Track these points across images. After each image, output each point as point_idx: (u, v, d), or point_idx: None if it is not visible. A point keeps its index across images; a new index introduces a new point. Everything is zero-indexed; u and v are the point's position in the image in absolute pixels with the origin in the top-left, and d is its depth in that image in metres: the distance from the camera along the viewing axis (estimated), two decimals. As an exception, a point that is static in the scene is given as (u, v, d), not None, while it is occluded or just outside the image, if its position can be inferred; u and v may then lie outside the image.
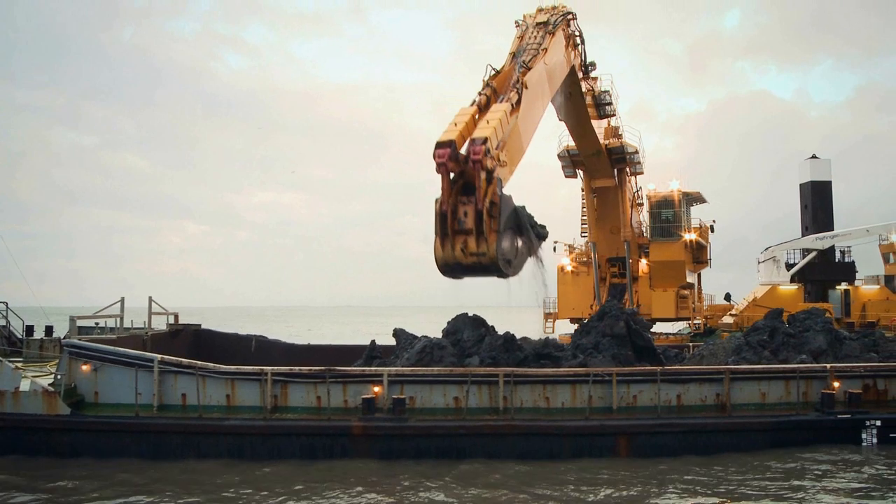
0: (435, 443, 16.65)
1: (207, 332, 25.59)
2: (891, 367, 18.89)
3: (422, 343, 19.27)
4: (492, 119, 17.91)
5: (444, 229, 17.20)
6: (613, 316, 21.15)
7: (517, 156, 18.59)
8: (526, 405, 17.51)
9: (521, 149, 19.05)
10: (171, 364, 17.48)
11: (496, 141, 17.48)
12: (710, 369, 18.61)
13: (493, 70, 19.82)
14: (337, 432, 16.67)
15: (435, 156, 16.96)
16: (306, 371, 17.61)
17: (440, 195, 16.92)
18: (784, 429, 17.51)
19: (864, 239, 44.76)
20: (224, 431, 16.75)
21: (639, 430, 17.05)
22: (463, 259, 17.03)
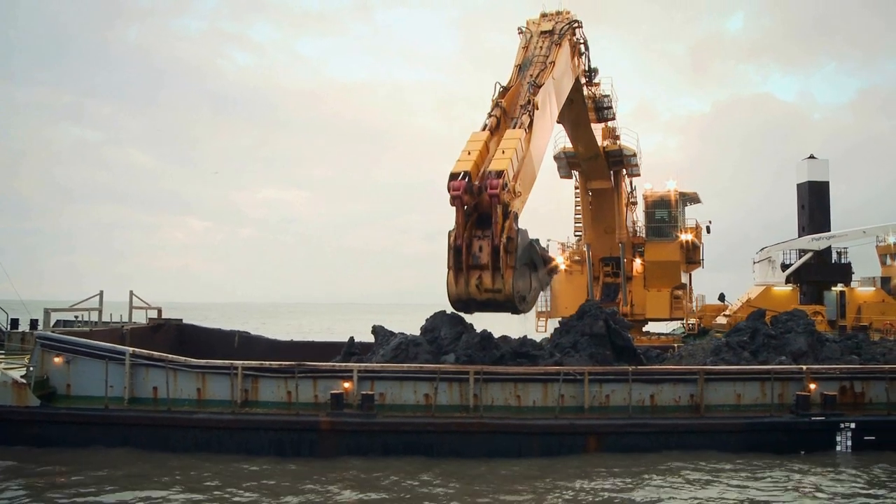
0: (403, 439, 16.61)
1: (190, 328, 25.60)
2: (867, 370, 18.70)
3: (397, 340, 19.20)
4: (507, 149, 17.80)
5: (458, 264, 17.23)
6: (592, 315, 21.02)
7: (530, 183, 18.73)
8: (497, 403, 17.43)
9: (534, 174, 19.15)
10: (143, 357, 17.50)
11: (512, 172, 17.44)
12: (684, 370, 18.49)
13: (500, 87, 19.59)
14: (305, 427, 16.67)
15: (450, 188, 16.92)
16: (276, 366, 17.62)
17: (454, 228, 17.06)
18: (756, 430, 17.38)
19: (861, 240, 44.32)
20: (192, 425, 16.80)
21: (609, 429, 16.97)
22: (478, 295, 17.20)
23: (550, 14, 23.00)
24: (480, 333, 19.64)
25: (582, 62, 24.34)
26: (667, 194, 37.30)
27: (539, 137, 18.87)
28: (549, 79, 20.08)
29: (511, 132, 18.04)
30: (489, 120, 18.43)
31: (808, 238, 44.30)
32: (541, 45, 21.29)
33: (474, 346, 19.44)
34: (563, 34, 22.00)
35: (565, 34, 22.10)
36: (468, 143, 17.77)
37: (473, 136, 18.06)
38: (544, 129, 19.55)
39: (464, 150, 17.41)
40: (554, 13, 23.00)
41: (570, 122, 28.15)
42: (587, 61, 25.13)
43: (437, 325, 20.87)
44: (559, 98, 21.07)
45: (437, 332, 20.49)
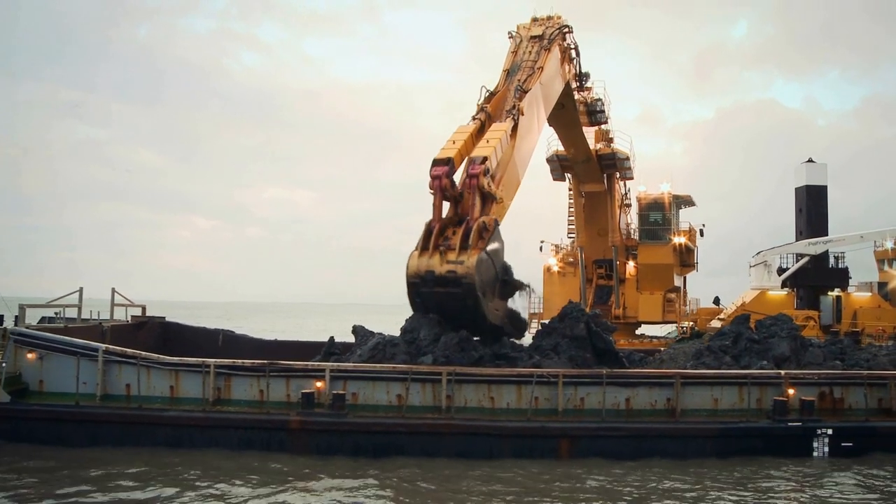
0: (373, 440, 16.52)
1: (175, 325, 25.55)
2: (846, 375, 18.50)
3: (374, 340, 19.05)
4: (492, 139, 17.73)
5: (426, 242, 17.08)
6: (574, 318, 20.82)
7: (513, 189, 18.49)
8: (471, 405, 17.29)
9: (517, 179, 18.93)
10: (116, 354, 17.46)
11: (495, 160, 17.34)
12: (660, 373, 18.34)
13: (487, 91, 19.45)
14: (275, 426, 16.60)
15: (431, 172, 16.79)
16: (249, 364, 17.55)
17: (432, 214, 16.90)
18: (732, 436, 17.19)
19: (859, 245, 44.06)
20: (163, 423, 16.75)
21: (581, 432, 16.82)
22: (437, 267, 16.77)
23: (541, 19, 22.81)
24: (459, 335, 19.48)
25: (573, 67, 24.09)
26: (660, 197, 37.08)
27: (524, 143, 18.69)
28: (536, 84, 19.93)
29: (497, 125, 18.08)
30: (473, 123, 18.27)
31: (804, 242, 44.08)
32: (530, 50, 21.13)
33: (452, 347, 19.26)
34: (552, 39, 21.83)
35: (555, 39, 21.94)
36: (454, 133, 17.75)
37: (460, 128, 18.08)
38: (530, 135, 19.35)
39: (449, 139, 17.36)
40: (545, 18, 22.81)
41: (562, 126, 28.02)
42: (578, 66, 24.88)
43: (416, 327, 20.57)
44: (547, 103, 20.91)
45: (416, 334, 20.27)
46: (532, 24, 22.62)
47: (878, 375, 18.53)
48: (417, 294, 17.34)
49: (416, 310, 17.19)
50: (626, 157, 33.46)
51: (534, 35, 22.04)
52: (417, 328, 20.29)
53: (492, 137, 17.41)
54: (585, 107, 29.52)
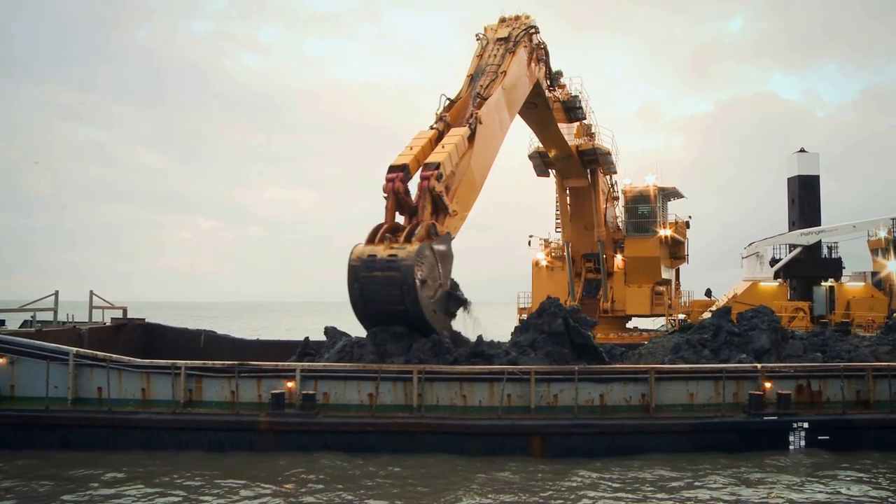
0: (343, 439, 16.42)
1: (156, 327, 25.52)
2: (823, 368, 18.32)
3: (341, 343, 18.86)
4: (447, 144, 17.54)
5: (373, 236, 16.98)
6: (551, 313, 20.72)
7: (471, 198, 18.17)
8: (443, 403, 17.18)
9: (475, 188, 18.61)
10: (87, 357, 17.38)
11: (449, 167, 17.19)
12: (634, 369, 18.18)
13: (447, 100, 19.13)
14: (245, 427, 16.52)
15: (386, 178, 16.70)
16: (219, 365, 17.46)
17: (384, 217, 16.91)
18: (706, 431, 17.03)
19: (853, 235, 43.83)
20: (133, 425, 16.67)
21: (553, 430, 16.68)
22: (380, 252, 16.59)
23: (509, 19, 22.43)
24: (430, 339, 19.26)
25: (542, 67, 23.73)
26: (646, 189, 36.81)
27: (484, 151, 18.36)
28: (498, 90, 19.60)
29: (454, 130, 17.76)
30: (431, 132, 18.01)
31: (797, 233, 43.82)
32: (495, 54, 20.78)
33: (427, 351, 18.98)
34: (517, 41, 21.47)
35: (520, 41, 21.56)
36: (412, 140, 17.49)
37: (419, 134, 17.80)
38: (491, 142, 18.97)
39: (407, 146, 17.13)
40: (512, 18, 22.43)
41: (537, 125, 27.87)
42: (547, 66, 24.59)
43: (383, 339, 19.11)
44: (512, 107, 20.60)
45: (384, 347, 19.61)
46: (499, 26, 22.22)
47: (855, 367, 18.35)
48: (357, 279, 16.76)
49: (354, 299, 16.68)
50: (608, 151, 33.20)
51: (500, 37, 21.63)
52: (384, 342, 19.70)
53: (447, 143, 17.25)
54: (562, 104, 29.26)
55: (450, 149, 16.99)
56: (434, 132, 17.76)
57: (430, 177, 16.08)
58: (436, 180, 16.12)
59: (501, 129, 20.04)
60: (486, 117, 18.73)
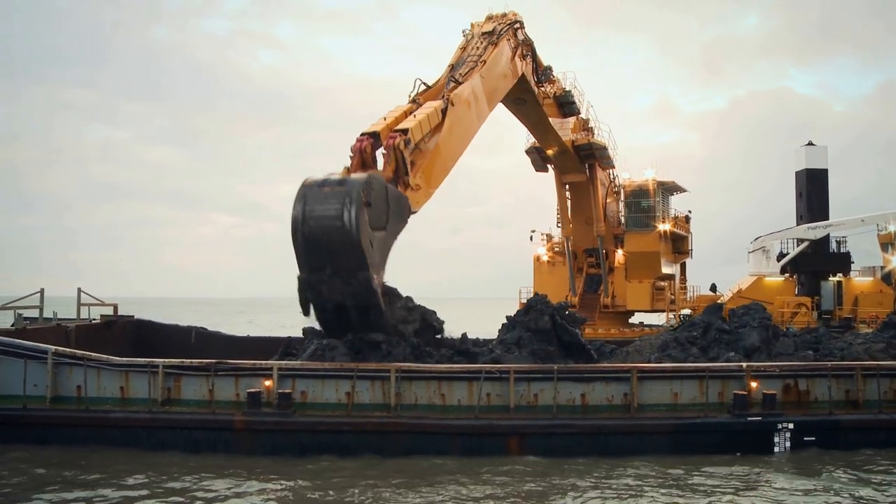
0: (319, 439, 16.31)
1: (147, 324, 25.51)
2: (810, 367, 17.91)
3: (314, 346, 18.68)
4: (419, 114, 17.35)
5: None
6: (538, 310, 20.44)
7: (436, 177, 17.68)
8: (421, 402, 17.00)
9: (444, 169, 18.19)
10: (66, 356, 17.39)
11: (418, 134, 16.87)
12: (615, 367, 17.92)
13: (423, 85, 19.01)
14: (220, 426, 16.45)
15: (356, 140, 16.41)
16: (197, 363, 17.39)
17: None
18: (689, 431, 16.72)
19: (862, 229, 42.99)
20: (110, 424, 16.67)
21: (531, 430, 16.46)
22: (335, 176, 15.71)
23: (496, 15, 22.46)
24: (409, 343, 19.07)
25: (528, 62, 23.55)
26: (645, 184, 36.32)
27: (455, 132, 18.11)
28: (476, 77, 19.48)
29: (429, 103, 17.70)
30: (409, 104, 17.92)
31: (804, 227, 43.13)
32: (478, 46, 20.75)
33: (408, 357, 18.77)
34: (501, 35, 21.43)
35: (503, 35, 21.51)
36: (388, 112, 17.45)
37: (396, 107, 17.79)
38: (463, 126, 18.74)
39: (381, 117, 17.08)
40: (499, 15, 22.44)
41: (528, 120, 27.81)
42: (533, 61, 24.39)
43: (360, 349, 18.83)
44: (491, 97, 20.50)
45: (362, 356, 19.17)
46: (486, 22, 22.31)
47: (843, 366, 17.93)
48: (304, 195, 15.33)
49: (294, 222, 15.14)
50: (604, 146, 32.75)
51: (485, 31, 21.62)
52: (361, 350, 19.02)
53: (419, 113, 17.18)
54: (555, 99, 28.95)
55: (421, 118, 16.88)
56: (410, 106, 17.87)
57: (397, 137, 15.87)
58: (403, 142, 15.83)
59: (477, 117, 19.87)
60: (460, 101, 18.56)
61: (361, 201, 14.54)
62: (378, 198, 15.20)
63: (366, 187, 14.79)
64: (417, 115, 17.03)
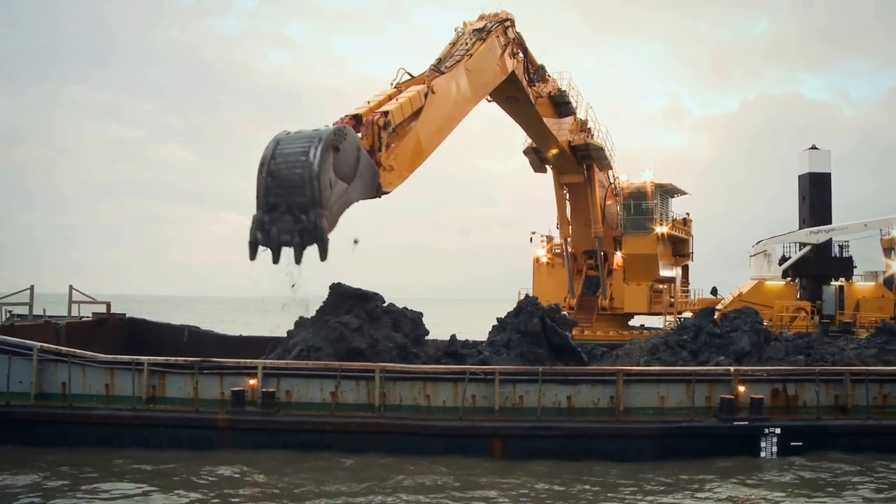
0: (302, 438, 16.27)
1: (140, 322, 25.57)
2: (798, 371, 17.75)
3: (298, 348, 18.66)
4: (401, 98, 17.40)
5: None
6: (528, 312, 20.36)
7: (409, 160, 17.53)
8: (406, 402, 16.94)
9: (420, 153, 18.02)
10: (51, 353, 17.41)
11: (399, 117, 16.81)
12: (600, 370, 17.81)
13: (407, 75, 18.98)
14: (203, 425, 16.44)
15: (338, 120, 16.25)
16: (182, 361, 17.38)
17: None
18: (674, 435, 16.59)
19: (865, 234, 42.65)
20: (93, 422, 16.67)
21: (514, 432, 16.37)
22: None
23: (488, 15, 22.65)
24: (396, 343, 19.04)
25: (518, 61, 23.64)
26: (643, 186, 36.12)
27: (432, 121, 18.16)
28: (460, 68, 19.49)
29: (412, 88, 17.82)
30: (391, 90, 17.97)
31: (806, 231, 42.84)
32: (466, 42, 20.86)
33: (394, 358, 18.74)
34: (490, 31, 21.54)
35: (493, 32, 21.63)
36: (372, 97, 17.53)
37: (380, 92, 17.84)
38: (442, 116, 18.79)
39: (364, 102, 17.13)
40: (491, 14, 22.62)
41: (523, 120, 27.83)
42: (525, 59, 24.44)
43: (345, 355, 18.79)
44: (476, 91, 20.52)
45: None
46: (478, 20, 22.55)
47: (832, 371, 17.76)
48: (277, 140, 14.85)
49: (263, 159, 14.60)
50: (601, 147, 32.60)
51: (475, 28, 21.76)
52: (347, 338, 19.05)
53: (401, 97, 17.19)
54: (549, 99, 28.85)
55: (402, 101, 16.88)
56: (393, 91, 17.88)
57: (376, 116, 15.92)
58: (382, 122, 15.87)
59: (460, 109, 19.86)
60: (441, 89, 18.56)
61: (330, 143, 14.22)
62: (348, 150, 14.85)
63: (337, 133, 14.53)
64: (399, 98, 17.03)
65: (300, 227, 13.82)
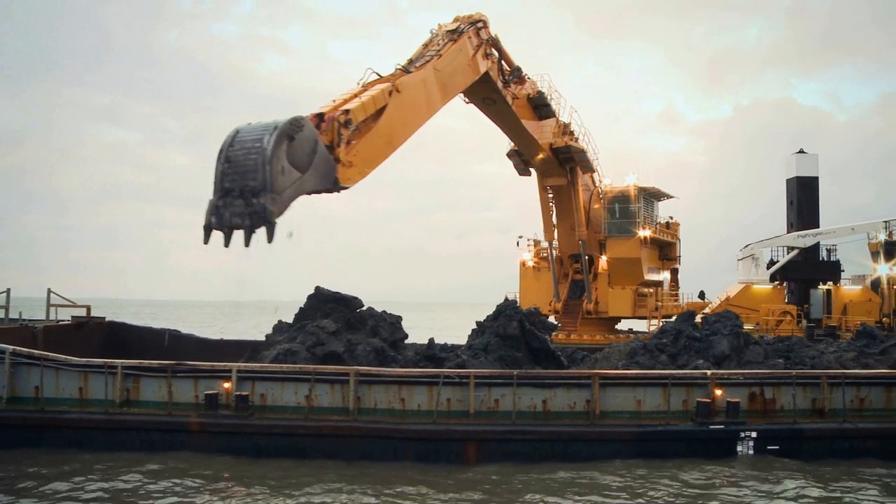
0: (275, 442, 16.18)
1: (120, 325, 25.47)
2: (774, 375, 17.70)
3: (275, 351, 18.56)
4: (364, 96, 17.58)
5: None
6: (507, 316, 20.28)
7: (371, 154, 17.58)
8: (381, 406, 16.85)
9: (381, 151, 18.08)
10: (24, 356, 17.29)
11: (361, 115, 17.01)
12: (576, 374, 17.74)
13: (375, 75, 19.05)
14: (176, 428, 16.33)
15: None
16: (156, 365, 17.28)
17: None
18: (650, 439, 16.51)
19: (852, 237, 42.77)
20: (65, 425, 16.56)
21: (489, 436, 16.27)
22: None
23: (463, 17, 22.80)
24: (373, 346, 18.96)
25: (492, 62, 23.74)
26: (626, 189, 36.03)
27: (396, 118, 18.25)
28: (428, 68, 19.68)
29: (377, 86, 17.92)
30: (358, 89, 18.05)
31: (793, 235, 42.91)
32: (438, 43, 20.96)
33: (371, 361, 18.67)
34: (461, 32, 21.66)
35: (464, 32, 21.74)
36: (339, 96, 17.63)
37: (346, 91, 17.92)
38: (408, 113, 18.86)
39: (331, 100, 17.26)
40: (465, 16, 22.78)
41: (501, 122, 27.84)
42: (500, 60, 24.52)
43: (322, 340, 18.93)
44: (445, 90, 20.64)
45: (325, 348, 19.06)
46: (452, 22, 22.70)
47: (808, 374, 17.72)
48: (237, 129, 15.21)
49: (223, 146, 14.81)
50: (582, 149, 32.49)
51: (449, 30, 21.86)
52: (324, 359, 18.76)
53: (364, 95, 17.38)
54: (529, 101, 28.79)
55: (365, 100, 17.06)
56: (360, 90, 18.05)
57: (336, 113, 16.12)
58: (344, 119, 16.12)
59: (427, 108, 19.98)
60: (406, 88, 18.65)
61: (284, 132, 14.56)
62: (304, 141, 15.13)
63: (292, 123, 14.79)
64: (362, 97, 17.24)
65: (251, 211, 14.07)
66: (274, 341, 19.50)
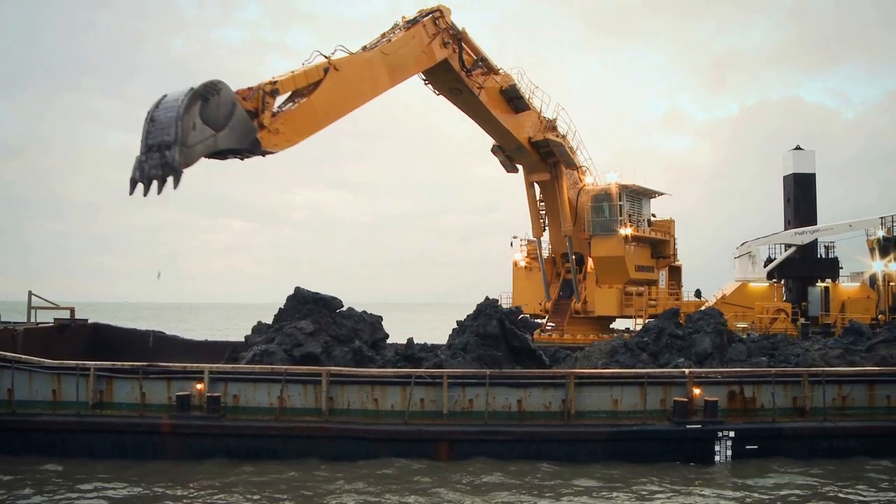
0: (247, 443, 16.06)
1: (105, 327, 25.40)
2: (754, 373, 17.45)
3: (251, 352, 18.42)
4: (297, 70, 18.69)
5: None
6: (487, 315, 20.10)
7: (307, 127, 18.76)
8: (354, 406, 16.72)
9: (314, 122, 19.10)
10: (-5, 358, 17.20)
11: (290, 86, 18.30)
12: (551, 373, 17.55)
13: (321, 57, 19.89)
14: (147, 430, 16.21)
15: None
16: (128, 366, 17.17)
17: None
18: (625, 439, 16.30)
19: (850, 234, 42.22)
20: (35, 428, 16.45)
21: (461, 436, 16.11)
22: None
23: (424, 10, 23.53)
24: (351, 348, 18.83)
25: (451, 50, 24.32)
26: (608, 187, 35.64)
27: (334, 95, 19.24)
28: (376, 52, 20.60)
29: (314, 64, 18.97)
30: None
31: (791, 232, 42.49)
32: (396, 32, 21.70)
33: (348, 361, 18.52)
34: (416, 21, 22.46)
35: (419, 21, 22.50)
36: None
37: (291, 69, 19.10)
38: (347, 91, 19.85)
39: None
40: (428, 9, 23.43)
41: (471, 112, 28.29)
42: (459, 51, 24.77)
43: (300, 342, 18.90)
44: (393, 73, 21.51)
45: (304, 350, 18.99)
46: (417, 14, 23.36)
47: (789, 373, 17.47)
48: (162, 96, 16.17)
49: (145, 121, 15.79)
50: (562, 144, 32.14)
51: (408, 21, 22.70)
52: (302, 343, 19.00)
53: (297, 70, 18.56)
54: (502, 94, 28.48)
55: (297, 73, 18.33)
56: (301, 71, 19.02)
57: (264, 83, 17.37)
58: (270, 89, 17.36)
59: (372, 87, 20.94)
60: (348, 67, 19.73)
61: (198, 93, 15.65)
62: (221, 103, 16.20)
63: (208, 85, 15.86)
64: (295, 70, 18.40)
65: (161, 163, 15.29)
66: (252, 342, 19.37)
